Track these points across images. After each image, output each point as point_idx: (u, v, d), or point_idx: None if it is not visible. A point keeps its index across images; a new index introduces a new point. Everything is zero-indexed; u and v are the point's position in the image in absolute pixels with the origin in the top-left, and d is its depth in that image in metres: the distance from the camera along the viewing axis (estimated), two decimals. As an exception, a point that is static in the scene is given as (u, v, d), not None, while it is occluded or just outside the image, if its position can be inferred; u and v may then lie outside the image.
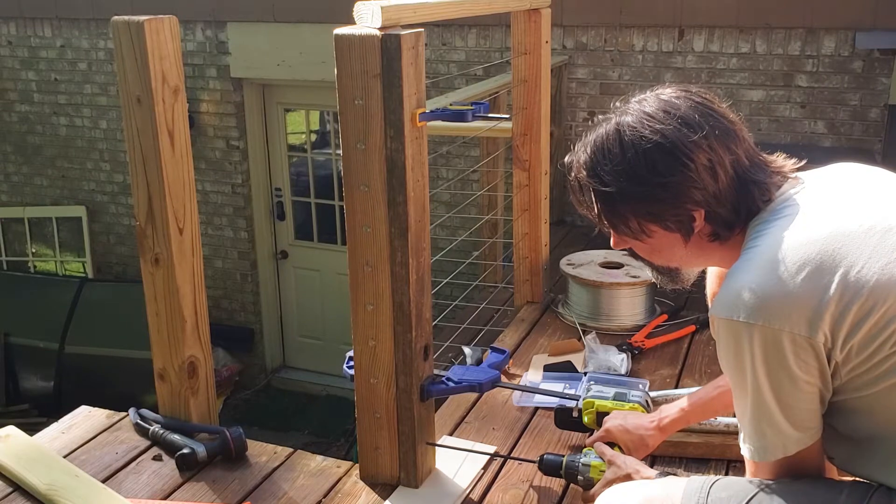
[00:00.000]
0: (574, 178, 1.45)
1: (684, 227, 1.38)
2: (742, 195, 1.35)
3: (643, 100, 1.40)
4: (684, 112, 1.35)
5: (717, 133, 1.34)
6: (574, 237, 4.44)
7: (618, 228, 1.44)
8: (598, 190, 1.39)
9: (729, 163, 1.34)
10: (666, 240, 1.41)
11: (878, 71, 4.08)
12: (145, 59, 1.98)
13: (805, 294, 1.21)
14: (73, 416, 2.39)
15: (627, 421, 1.88)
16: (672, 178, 1.33)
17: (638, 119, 1.36)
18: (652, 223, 1.39)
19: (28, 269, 6.75)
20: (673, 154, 1.33)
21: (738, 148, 1.36)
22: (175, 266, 2.13)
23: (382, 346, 1.90)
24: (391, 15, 1.74)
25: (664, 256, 1.47)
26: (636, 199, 1.37)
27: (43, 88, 6.31)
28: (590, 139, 1.42)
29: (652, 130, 1.34)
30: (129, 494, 2.00)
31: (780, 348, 1.22)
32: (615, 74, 4.54)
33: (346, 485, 2.05)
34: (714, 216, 1.36)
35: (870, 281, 1.20)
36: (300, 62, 5.36)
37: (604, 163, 1.38)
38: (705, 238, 1.39)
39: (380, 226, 1.82)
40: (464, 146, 4.87)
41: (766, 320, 1.22)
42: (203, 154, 5.80)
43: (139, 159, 2.08)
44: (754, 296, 1.23)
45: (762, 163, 1.39)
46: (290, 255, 6.14)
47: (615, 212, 1.41)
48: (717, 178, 1.33)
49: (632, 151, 1.35)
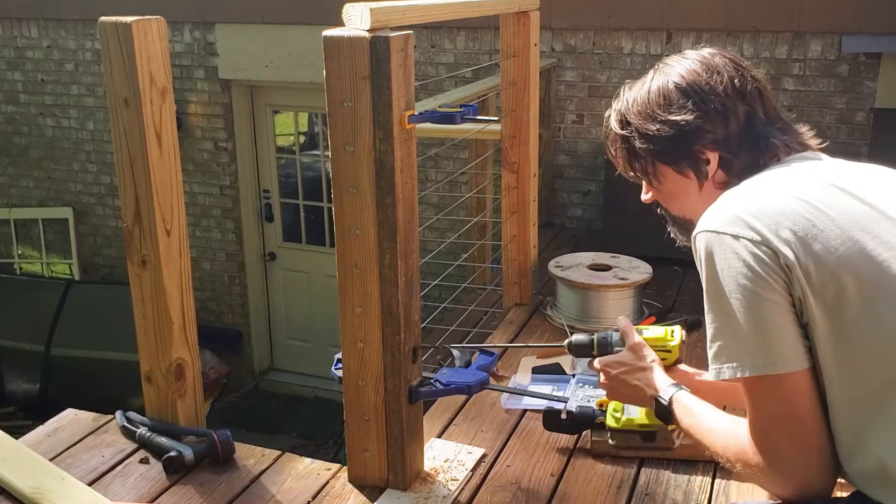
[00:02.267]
0: (606, 127, 1.57)
1: (698, 170, 1.45)
2: (753, 146, 1.41)
3: (683, 54, 1.51)
4: (710, 62, 1.45)
5: (735, 84, 1.42)
6: (562, 239, 4.46)
7: (638, 172, 1.53)
8: (621, 133, 1.50)
9: (743, 113, 1.42)
10: (682, 185, 1.48)
11: (864, 74, 4.11)
12: (133, 60, 1.97)
13: (776, 211, 1.26)
14: (59, 418, 2.37)
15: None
16: (683, 116, 1.42)
17: (671, 67, 1.48)
18: (667, 165, 1.48)
19: (14, 271, 6.71)
20: (686, 94, 1.43)
21: (756, 103, 1.44)
22: (162, 268, 2.12)
23: (371, 349, 1.90)
24: (380, 17, 1.74)
25: (680, 204, 1.53)
26: (651, 138, 1.46)
27: (29, 89, 6.27)
28: (627, 90, 1.54)
29: (677, 75, 1.45)
30: (115, 498, 1.98)
31: (748, 255, 1.25)
32: (604, 77, 4.56)
33: (334, 487, 2.04)
34: (727, 162, 1.43)
35: (843, 225, 1.24)
36: (288, 64, 5.35)
37: (631, 106, 1.50)
38: (718, 186, 1.44)
39: (368, 228, 1.82)
40: (453, 148, 4.87)
41: (735, 228, 1.27)
42: (191, 156, 5.78)
43: (126, 161, 2.07)
44: (729, 209, 1.31)
45: (781, 123, 1.45)
46: (278, 256, 6.13)
47: (634, 153, 1.51)
48: (728, 124, 1.41)
49: (654, 93, 1.46)
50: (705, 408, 1.50)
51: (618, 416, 1.71)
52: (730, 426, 1.41)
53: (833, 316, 1.23)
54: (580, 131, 4.71)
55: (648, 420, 1.68)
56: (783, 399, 1.26)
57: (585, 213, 4.82)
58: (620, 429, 1.70)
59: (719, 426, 1.44)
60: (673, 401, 1.56)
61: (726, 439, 1.40)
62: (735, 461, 1.37)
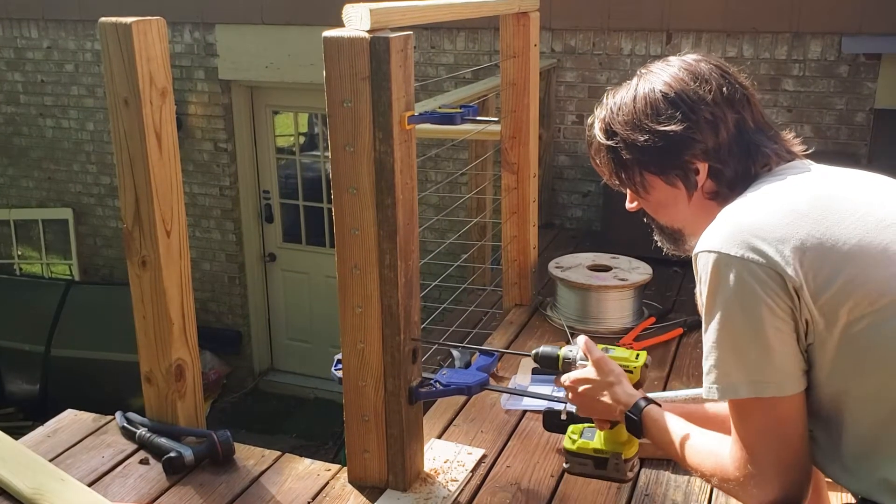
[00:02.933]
0: (589, 134, 1.52)
1: (688, 180, 1.42)
2: (743, 155, 1.39)
3: (666, 60, 1.47)
4: (696, 69, 1.42)
5: (724, 91, 1.39)
6: (562, 240, 4.45)
7: (625, 182, 1.49)
8: (607, 143, 1.46)
9: (732, 121, 1.39)
10: (670, 195, 1.45)
11: (863, 75, 4.11)
12: (133, 60, 1.97)
13: (783, 232, 1.24)
14: (59, 419, 2.37)
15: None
16: (672, 127, 1.38)
17: (655, 75, 1.44)
18: (655, 175, 1.44)
19: (14, 272, 6.70)
20: (675, 104, 1.39)
21: (745, 111, 1.40)
22: (162, 268, 2.12)
23: (371, 349, 1.90)
24: (380, 17, 1.74)
25: (669, 214, 1.49)
26: (639, 149, 1.42)
27: (29, 90, 6.27)
28: (611, 98, 1.49)
29: (662, 83, 1.41)
30: (115, 498, 1.98)
31: (751, 279, 1.23)
32: (603, 78, 4.56)
33: (334, 488, 2.04)
34: (717, 172, 1.40)
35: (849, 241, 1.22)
36: (288, 64, 5.35)
37: (616, 115, 1.45)
38: (708, 196, 1.42)
39: (368, 228, 1.82)
40: (453, 149, 4.87)
41: (740, 250, 1.24)
42: (191, 156, 5.78)
43: (126, 161, 2.07)
44: (732, 228, 1.28)
45: (769, 131, 1.42)
46: (278, 257, 6.13)
47: (622, 163, 1.46)
48: (719, 134, 1.38)
49: (641, 102, 1.42)
50: (678, 422, 1.48)
51: (574, 439, 1.68)
52: (706, 441, 1.41)
53: (844, 334, 1.22)
54: (580, 132, 4.70)
55: (605, 447, 1.64)
56: (775, 420, 1.27)
57: (585, 214, 4.82)
58: (574, 451, 1.66)
59: (694, 441, 1.43)
60: (644, 416, 1.52)
61: (702, 454, 1.40)
62: (711, 475, 1.37)
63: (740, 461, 1.30)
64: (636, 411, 1.53)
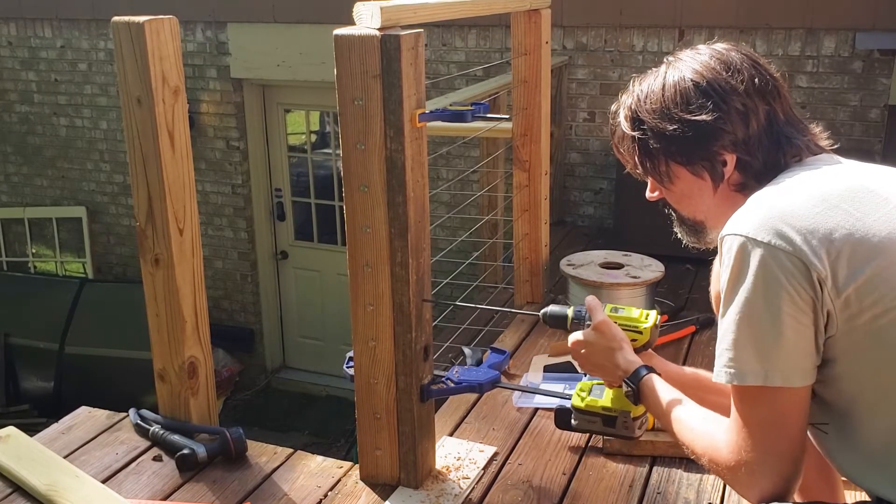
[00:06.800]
0: (613, 123, 1.50)
1: (714, 171, 1.39)
2: (773, 147, 1.37)
3: (695, 48, 1.44)
4: (727, 58, 1.40)
5: (755, 82, 1.37)
6: (574, 238, 4.45)
7: (649, 172, 1.47)
8: (633, 132, 1.43)
9: (763, 113, 1.37)
10: (695, 186, 1.43)
11: (878, 71, 4.08)
12: (145, 59, 1.98)
13: (813, 221, 1.22)
14: (73, 416, 2.39)
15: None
16: (703, 116, 1.36)
17: (685, 63, 1.41)
18: (681, 165, 1.42)
19: (28, 270, 6.75)
20: (706, 94, 1.37)
21: (776, 103, 1.39)
22: (175, 266, 2.12)
23: (382, 347, 1.90)
24: (391, 15, 1.74)
25: (692, 205, 1.47)
26: (667, 138, 1.40)
27: (43, 89, 6.31)
28: (637, 85, 1.46)
29: (692, 71, 1.39)
30: (129, 495, 2.00)
31: (776, 266, 1.21)
32: (615, 75, 4.54)
33: (346, 485, 2.05)
34: (745, 164, 1.38)
35: (879, 234, 1.21)
36: (300, 63, 5.36)
37: (644, 103, 1.43)
38: (733, 188, 1.40)
39: (380, 226, 1.82)
40: (464, 147, 4.87)
41: (768, 236, 1.22)
42: (203, 154, 5.80)
43: (139, 160, 2.08)
44: (764, 213, 1.25)
45: (799, 124, 1.41)
46: (290, 255, 6.14)
47: (648, 152, 1.44)
48: (749, 125, 1.36)
49: (671, 90, 1.39)
50: (676, 395, 1.47)
51: (583, 396, 1.67)
52: (702, 420, 1.39)
53: (868, 327, 1.21)
54: (592, 129, 4.69)
55: (612, 405, 1.63)
56: (777, 410, 1.25)
57: (597, 212, 4.81)
58: (583, 409, 1.66)
59: (690, 417, 1.42)
60: (642, 385, 1.53)
61: (696, 431, 1.38)
62: (702, 454, 1.36)
63: (735, 446, 1.29)
64: (634, 380, 1.54)
